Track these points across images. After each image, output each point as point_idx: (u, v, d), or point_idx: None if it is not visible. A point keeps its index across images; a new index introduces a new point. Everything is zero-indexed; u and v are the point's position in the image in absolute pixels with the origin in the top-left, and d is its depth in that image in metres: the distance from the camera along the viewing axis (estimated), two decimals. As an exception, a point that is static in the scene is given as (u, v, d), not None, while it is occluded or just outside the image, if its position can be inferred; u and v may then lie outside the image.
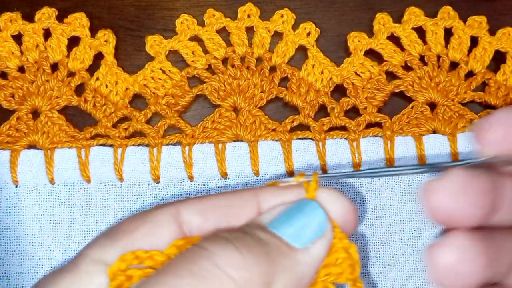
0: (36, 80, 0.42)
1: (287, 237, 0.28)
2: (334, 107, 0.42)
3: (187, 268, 0.25)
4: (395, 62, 0.43)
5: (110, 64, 0.43)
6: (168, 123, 0.42)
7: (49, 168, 0.40)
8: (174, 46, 0.43)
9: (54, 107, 0.42)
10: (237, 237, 0.27)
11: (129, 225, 0.29)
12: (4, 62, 0.42)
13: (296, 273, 0.27)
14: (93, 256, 0.28)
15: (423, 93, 0.42)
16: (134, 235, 0.28)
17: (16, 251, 0.40)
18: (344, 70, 0.43)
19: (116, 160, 0.40)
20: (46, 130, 0.41)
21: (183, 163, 0.41)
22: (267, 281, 0.26)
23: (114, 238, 0.28)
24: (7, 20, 0.43)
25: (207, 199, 0.30)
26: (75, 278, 0.27)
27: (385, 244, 0.41)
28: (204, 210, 0.30)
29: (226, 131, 0.41)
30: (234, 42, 0.43)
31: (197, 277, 0.25)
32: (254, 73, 0.43)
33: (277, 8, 0.44)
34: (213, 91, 0.42)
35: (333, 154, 0.41)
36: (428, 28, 0.44)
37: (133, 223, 0.29)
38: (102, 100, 0.42)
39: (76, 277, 0.27)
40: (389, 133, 0.41)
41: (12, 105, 0.42)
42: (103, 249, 0.28)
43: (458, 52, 0.44)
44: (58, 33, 0.43)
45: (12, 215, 0.40)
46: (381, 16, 0.44)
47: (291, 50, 0.43)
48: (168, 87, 0.43)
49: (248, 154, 0.41)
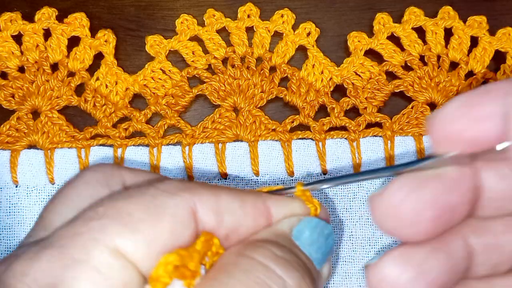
0: (36, 80, 0.42)
1: (314, 260, 0.28)
2: (334, 107, 0.42)
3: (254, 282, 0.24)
4: (395, 62, 0.43)
5: (110, 64, 0.43)
6: (168, 123, 0.42)
7: (49, 168, 0.40)
8: (174, 46, 0.43)
9: (54, 107, 0.42)
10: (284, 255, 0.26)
11: (147, 213, 0.24)
12: (4, 62, 0.42)
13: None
14: (108, 244, 0.23)
15: (423, 93, 0.42)
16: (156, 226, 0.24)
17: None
18: (344, 70, 0.43)
19: (116, 160, 0.40)
20: (46, 130, 0.41)
21: (183, 163, 0.41)
22: None
23: (132, 228, 0.24)
24: (7, 20, 0.43)
25: (221, 196, 0.27)
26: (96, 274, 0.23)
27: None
28: (220, 211, 0.27)
29: (226, 131, 0.41)
30: (234, 42, 0.43)
31: None
32: (254, 73, 0.43)
33: (277, 8, 0.44)
34: (213, 91, 0.42)
35: (333, 154, 0.41)
36: (428, 28, 0.44)
37: (152, 211, 0.25)
38: (102, 100, 0.42)
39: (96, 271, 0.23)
40: (389, 133, 0.41)
41: (12, 105, 0.42)
42: (120, 239, 0.24)
43: (458, 52, 0.44)
44: (58, 33, 0.43)
45: (12, 215, 0.40)
46: (381, 16, 0.44)
47: (291, 50, 0.43)
48: (168, 87, 0.43)
49: (248, 154, 0.41)
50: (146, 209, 0.24)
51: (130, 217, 0.24)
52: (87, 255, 0.23)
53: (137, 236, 0.24)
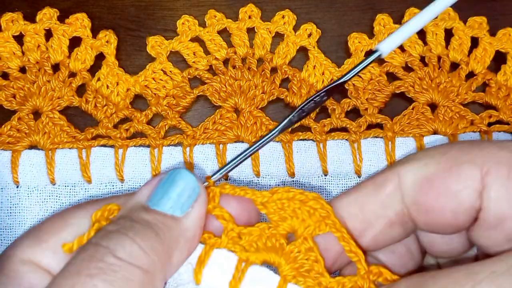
0: (37, 80, 0.42)
1: (168, 210, 0.30)
2: (335, 108, 0.42)
3: (95, 267, 0.26)
4: (395, 63, 0.43)
5: (111, 64, 0.43)
6: (169, 124, 0.42)
7: (50, 168, 0.40)
8: (175, 47, 0.43)
9: (55, 107, 0.42)
10: (126, 227, 0.29)
11: (52, 226, 0.30)
12: (6, 63, 0.42)
13: (186, 238, 0.30)
14: (21, 257, 0.29)
15: (424, 94, 0.42)
16: (60, 235, 0.30)
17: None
18: (344, 71, 0.43)
19: (117, 161, 0.40)
20: (47, 131, 0.41)
21: (184, 164, 0.41)
22: (167, 257, 0.29)
23: (40, 239, 0.30)
24: (9, 21, 0.43)
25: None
26: (5, 279, 0.28)
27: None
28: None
29: (227, 132, 0.41)
30: (235, 43, 0.43)
31: (108, 272, 0.26)
32: (255, 74, 0.43)
33: (278, 8, 0.44)
34: (214, 92, 0.42)
35: (334, 156, 0.41)
36: (429, 29, 0.44)
37: (56, 224, 0.30)
38: (103, 101, 0.42)
39: (6, 277, 0.28)
40: (390, 134, 0.41)
41: (13, 106, 0.42)
42: (31, 250, 0.29)
43: (459, 52, 0.44)
44: (60, 34, 0.43)
45: (13, 216, 0.40)
46: (382, 17, 0.44)
47: (292, 51, 0.43)
48: (169, 88, 0.43)
49: (249, 155, 0.41)
50: (52, 223, 0.30)
51: (38, 232, 0.30)
52: (2, 267, 0.29)
53: (43, 245, 0.29)
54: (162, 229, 0.29)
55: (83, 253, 0.27)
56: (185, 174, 0.31)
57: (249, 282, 0.30)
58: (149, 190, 0.31)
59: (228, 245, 0.31)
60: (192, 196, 0.31)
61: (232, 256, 0.31)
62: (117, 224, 0.29)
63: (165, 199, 0.30)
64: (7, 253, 0.30)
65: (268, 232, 0.32)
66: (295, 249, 0.31)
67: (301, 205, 0.32)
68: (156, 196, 0.31)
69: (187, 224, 0.30)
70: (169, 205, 0.30)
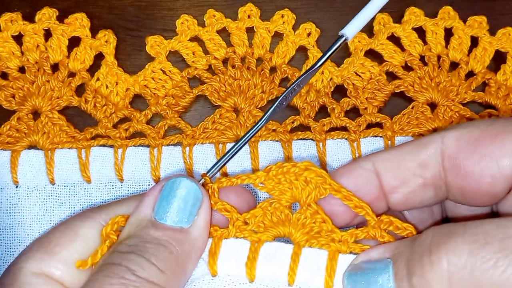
0: (36, 80, 0.42)
1: (176, 223, 0.31)
2: (334, 108, 0.42)
3: (118, 283, 0.27)
4: (395, 63, 0.43)
5: (110, 64, 0.43)
6: (169, 124, 0.42)
7: (49, 168, 0.40)
8: (174, 46, 0.43)
9: (55, 107, 0.42)
10: (140, 248, 0.29)
11: (62, 237, 0.31)
12: (5, 63, 0.42)
13: (196, 249, 0.31)
14: (33, 269, 0.29)
15: (424, 93, 0.42)
16: (71, 247, 0.30)
17: (16, 251, 0.40)
18: (344, 70, 0.43)
19: (116, 161, 0.40)
20: (46, 131, 0.41)
21: (183, 163, 0.41)
22: (182, 272, 0.30)
23: (52, 252, 0.30)
24: (8, 21, 0.43)
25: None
26: None
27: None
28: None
29: (227, 131, 0.41)
30: (234, 42, 0.43)
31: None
32: (255, 74, 0.43)
33: (277, 8, 0.44)
34: (213, 92, 0.42)
35: (333, 155, 0.41)
36: (428, 28, 0.44)
37: (65, 235, 0.31)
38: (102, 101, 0.42)
39: None
40: (390, 133, 0.41)
41: (13, 106, 0.42)
42: (44, 263, 0.30)
43: (458, 52, 0.44)
44: (59, 34, 0.43)
45: (12, 216, 0.40)
46: (381, 16, 0.44)
47: (291, 51, 0.43)
48: (168, 87, 0.43)
49: (249, 155, 0.41)
50: (62, 235, 0.31)
51: (48, 244, 0.30)
52: (14, 280, 0.29)
53: (56, 258, 0.30)
54: (174, 245, 0.30)
55: (105, 271, 0.28)
56: (187, 183, 0.32)
57: (264, 258, 0.31)
58: (152, 201, 0.31)
59: (237, 233, 0.32)
60: (196, 204, 0.31)
61: (242, 241, 0.32)
62: (130, 245, 0.30)
63: (171, 211, 0.31)
64: (17, 265, 0.30)
65: (271, 208, 0.33)
66: (301, 216, 0.33)
67: (296, 176, 0.33)
68: (161, 209, 0.31)
69: (195, 234, 0.31)
70: (176, 218, 0.31)
